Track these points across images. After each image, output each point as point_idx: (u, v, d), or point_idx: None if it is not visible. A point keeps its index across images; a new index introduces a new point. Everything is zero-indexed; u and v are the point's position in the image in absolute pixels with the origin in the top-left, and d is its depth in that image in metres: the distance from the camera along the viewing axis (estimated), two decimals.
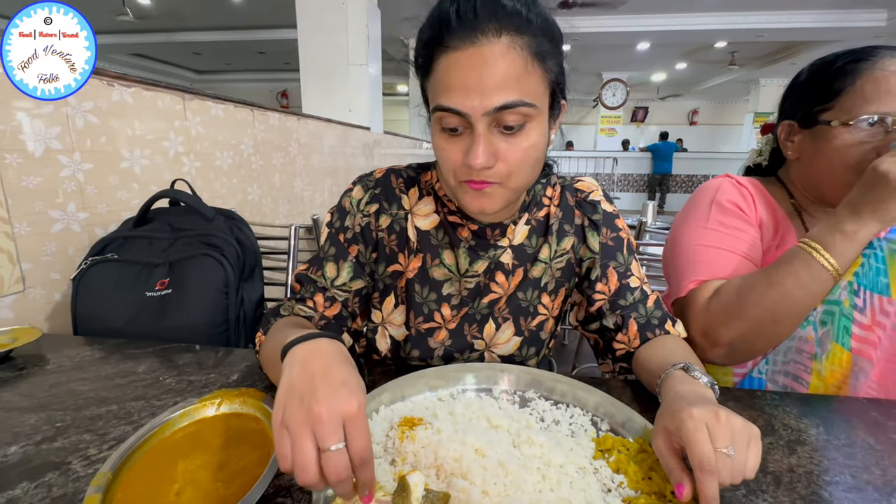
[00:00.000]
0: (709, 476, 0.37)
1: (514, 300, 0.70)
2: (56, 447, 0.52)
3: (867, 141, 0.66)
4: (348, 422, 0.36)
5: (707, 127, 12.37)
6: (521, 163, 0.54)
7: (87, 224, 1.08)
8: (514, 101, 0.50)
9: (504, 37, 0.49)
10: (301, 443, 0.35)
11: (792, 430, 0.56)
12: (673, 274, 0.79)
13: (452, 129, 0.53)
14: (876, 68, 0.66)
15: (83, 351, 0.78)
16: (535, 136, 0.54)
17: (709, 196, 0.81)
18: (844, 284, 0.72)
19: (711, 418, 0.40)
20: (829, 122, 0.70)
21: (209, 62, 9.15)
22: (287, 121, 2.06)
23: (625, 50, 7.33)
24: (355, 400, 0.37)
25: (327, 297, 0.67)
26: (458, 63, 0.50)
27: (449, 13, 0.50)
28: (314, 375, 0.39)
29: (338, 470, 0.35)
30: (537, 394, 0.61)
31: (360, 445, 0.36)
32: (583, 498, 0.43)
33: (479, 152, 0.51)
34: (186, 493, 0.44)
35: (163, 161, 1.31)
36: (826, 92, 0.71)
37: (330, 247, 0.69)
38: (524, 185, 0.58)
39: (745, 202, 0.79)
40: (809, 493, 0.45)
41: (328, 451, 0.35)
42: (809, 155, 0.75)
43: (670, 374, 0.53)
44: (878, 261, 0.71)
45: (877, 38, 6.01)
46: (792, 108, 0.77)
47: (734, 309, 0.67)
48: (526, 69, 0.50)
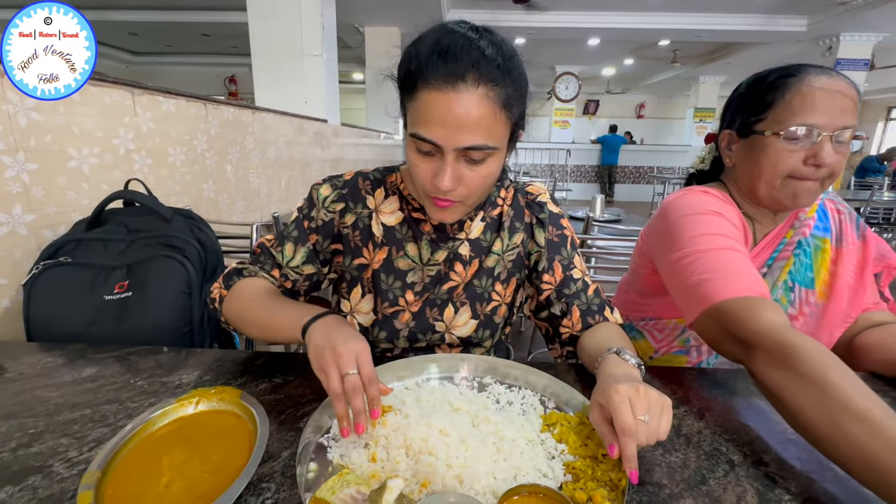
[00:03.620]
0: (629, 439, 0.46)
1: (470, 287, 0.80)
2: (34, 452, 0.53)
3: (795, 149, 0.72)
4: (359, 356, 0.54)
5: (653, 120, 13.02)
6: (479, 187, 0.65)
7: (34, 227, 1.04)
8: (480, 144, 0.60)
9: (481, 87, 0.58)
10: (331, 374, 0.52)
11: (703, 398, 0.67)
12: (696, 284, 0.69)
13: (426, 151, 0.62)
14: (803, 84, 0.72)
15: (43, 357, 0.77)
16: (493, 166, 0.64)
17: (702, 208, 0.78)
18: (780, 285, 0.82)
19: (633, 392, 0.49)
20: (763, 132, 0.75)
21: (147, 43, 8.53)
22: (241, 114, 2.01)
23: (577, 45, 7.56)
24: (360, 343, 0.55)
25: (282, 273, 0.79)
26: (437, 101, 0.58)
27: (437, 54, 0.58)
28: (332, 335, 0.56)
29: (354, 386, 0.52)
30: (493, 379, 0.68)
31: (368, 369, 0.54)
32: (531, 465, 0.50)
33: (445, 178, 0.61)
34: (175, 485, 0.47)
35: (113, 159, 1.27)
36: (759, 104, 0.76)
37: (294, 229, 0.79)
38: (479, 201, 0.71)
39: (728, 211, 0.79)
40: (711, 450, 0.55)
41: (347, 375, 0.52)
42: (746, 162, 0.79)
43: (605, 358, 0.61)
44: (807, 257, 0.82)
45: (798, 41, 6.57)
46: (731, 119, 0.82)
47: (800, 387, 0.52)
48: (495, 118, 0.59)
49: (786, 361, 0.54)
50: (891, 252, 0.83)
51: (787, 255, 0.83)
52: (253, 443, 0.50)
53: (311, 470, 0.51)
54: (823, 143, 0.71)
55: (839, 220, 0.85)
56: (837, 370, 0.50)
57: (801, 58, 6.74)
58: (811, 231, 0.83)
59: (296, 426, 0.58)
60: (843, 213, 0.86)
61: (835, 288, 0.81)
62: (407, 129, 0.64)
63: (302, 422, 0.59)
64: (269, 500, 0.47)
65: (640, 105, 13.12)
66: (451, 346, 0.82)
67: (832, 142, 0.71)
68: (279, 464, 0.52)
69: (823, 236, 0.83)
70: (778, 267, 0.82)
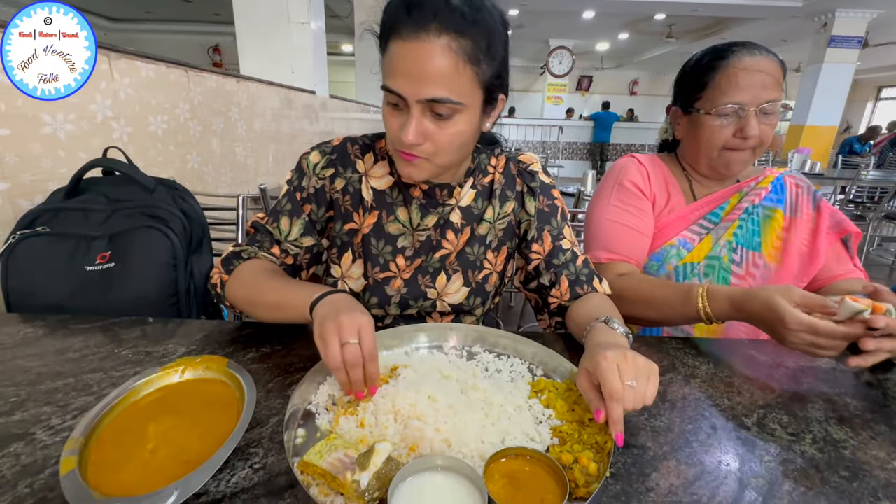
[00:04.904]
0: (616, 403, 0.46)
1: (462, 255, 0.79)
2: (16, 420, 0.52)
3: (726, 125, 0.83)
4: (361, 329, 0.53)
5: (646, 97, 12.93)
6: (446, 145, 0.63)
7: (9, 195, 1.00)
8: (442, 97, 0.59)
9: (443, 37, 0.57)
10: (330, 341, 0.51)
11: (689, 367, 0.68)
12: (588, 239, 0.97)
13: (395, 104, 0.61)
14: (730, 66, 0.81)
15: (23, 328, 0.75)
16: (462, 125, 0.63)
17: (614, 177, 0.96)
18: (724, 243, 0.90)
19: (621, 359, 0.49)
20: (699, 110, 0.85)
21: (125, 9, 8.17)
22: (226, 83, 1.94)
23: (571, 17, 7.40)
24: (365, 317, 0.55)
25: (282, 249, 0.77)
26: (402, 52, 0.58)
27: (403, 5, 0.57)
28: (338, 307, 0.56)
29: (353, 356, 0.51)
30: (483, 348, 0.69)
31: (369, 344, 0.53)
32: (519, 430, 0.51)
33: (409, 131, 0.60)
34: (161, 451, 0.47)
35: (90, 126, 1.22)
36: (696, 84, 0.86)
37: (287, 202, 0.77)
38: (449, 163, 0.68)
39: (643, 180, 0.94)
40: (696, 414, 0.57)
41: (347, 344, 0.51)
42: (689, 136, 0.91)
43: (594, 327, 0.62)
44: (754, 224, 0.90)
45: (794, 17, 6.50)
46: (677, 96, 0.93)
47: (630, 299, 0.82)
48: (457, 70, 0.58)
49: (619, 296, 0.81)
50: (846, 220, 0.90)
51: (734, 218, 0.91)
52: (240, 410, 0.50)
53: (299, 436, 0.51)
54: (749, 117, 0.81)
55: (796, 194, 0.93)
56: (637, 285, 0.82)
57: (795, 34, 6.69)
58: (761, 200, 0.91)
59: (283, 394, 0.58)
60: (802, 188, 0.93)
61: (786, 253, 0.89)
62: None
63: (290, 389, 0.59)
64: (257, 464, 0.47)
65: (634, 81, 13.00)
66: (442, 315, 0.82)
67: (757, 115, 0.81)
68: (267, 430, 0.52)
69: (775, 206, 0.91)
70: (723, 227, 0.91)
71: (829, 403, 0.60)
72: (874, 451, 0.51)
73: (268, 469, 0.46)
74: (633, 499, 0.44)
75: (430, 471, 0.43)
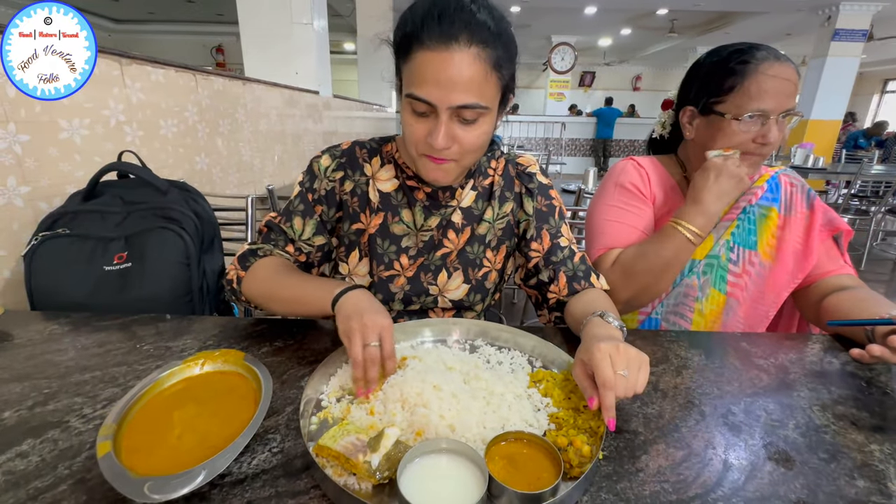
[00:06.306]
0: (608, 391, 0.50)
1: (463, 254, 0.83)
2: (50, 409, 0.56)
3: (749, 131, 0.83)
4: (382, 331, 0.58)
5: (649, 93, 12.87)
6: (473, 146, 0.67)
7: (30, 198, 1.04)
8: (472, 103, 0.62)
9: (473, 47, 0.61)
10: (354, 340, 0.56)
11: (681, 358, 0.71)
12: (588, 239, 0.98)
13: (421, 112, 0.65)
14: (759, 71, 0.80)
15: (49, 325, 0.80)
16: (486, 126, 0.67)
17: (613, 179, 0.98)
18: (723, 242, 0.92)
19: (613, 349, 0.53)
20: (723, 114, 0.84)
21: (129, 10, 8.22)
22: (232, 86, 1.98)
23: (573, 13, 7.40)
24: (387, 319, 0.59)
25: (296, 247, 0.81)
26: (432, 61, 0.61)
27: (431, 16, 0.60)
28: (360, 308, 0.60)
29: (373, 357, 0.56)
30: (484, 342, 0.72)
31: (389, 346, 0.58)
32: (518, 416, 0.54)
33: (440, 137, 0.64)
34: (187, 437, 0.51)
35: (104, 131, 1.26)
36: (720, 87, 0.84)
37: (299, 203, 0.81)
38: (472, 163, 0.73)
39: (643, 182, 0.96)
40: (685, 402, 0.60)
41: (369, 346, 0.56)
42: (704, 137, 0.89)
43: (589, 321, 0.65)
44: (750, 223, 0.92)
45: (798, 11, 6.47)
46: (694, 97, 0.90)
47: (629, 273, 0.85)
48: (486, 77, 0.62)
49: (623, 272, 0.86)
50: (838, 218, 0.92)
51: (733, 217, 0.93)
52: (258, 399, 0.53)
53: (313, 423, 0.54)
54: (771, 125, 0.81)
55: (790, 192, 0.94)
56: (632, 251, 0.86)
57: (799, 28, 6.63)
58: (757, 200, 0.93)
59: (297, 385, 0.62)
60: (796, 187, 0.95)
61: (781, 251, 0.91)
62: (402, 92, 0.67)
63: (303, 381, 0.62)
64: (275, 448, 0.50)
65: (637, 77, 12.94)
66: (443, 310, 0.86)
67: (777, 122, 0.81)
68: (283, 418, 0.55)
69: (770, 205, 0.93)
70: (723, 226, 0.93)
71: (814, 392, 0.63)
72: (853, 436, 0.54)
73: (285, 452, 0.50)
74: (623, 478, 0.47)
75: (435, 453, 0.46)
